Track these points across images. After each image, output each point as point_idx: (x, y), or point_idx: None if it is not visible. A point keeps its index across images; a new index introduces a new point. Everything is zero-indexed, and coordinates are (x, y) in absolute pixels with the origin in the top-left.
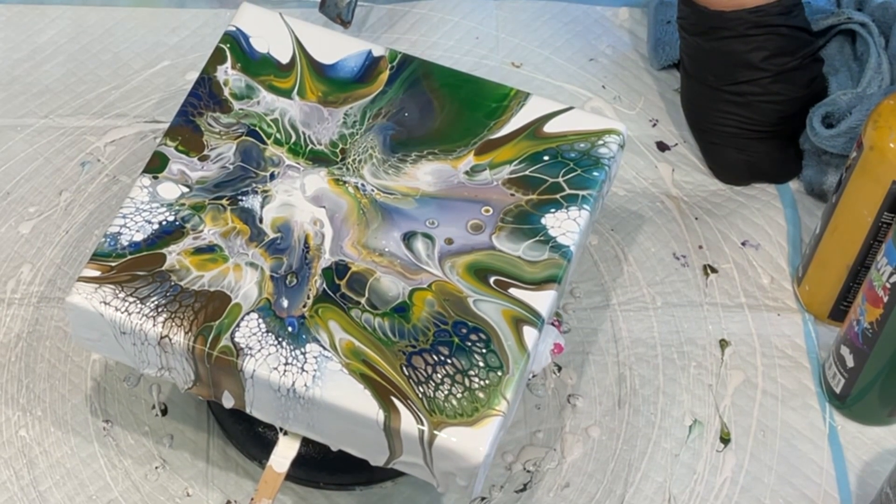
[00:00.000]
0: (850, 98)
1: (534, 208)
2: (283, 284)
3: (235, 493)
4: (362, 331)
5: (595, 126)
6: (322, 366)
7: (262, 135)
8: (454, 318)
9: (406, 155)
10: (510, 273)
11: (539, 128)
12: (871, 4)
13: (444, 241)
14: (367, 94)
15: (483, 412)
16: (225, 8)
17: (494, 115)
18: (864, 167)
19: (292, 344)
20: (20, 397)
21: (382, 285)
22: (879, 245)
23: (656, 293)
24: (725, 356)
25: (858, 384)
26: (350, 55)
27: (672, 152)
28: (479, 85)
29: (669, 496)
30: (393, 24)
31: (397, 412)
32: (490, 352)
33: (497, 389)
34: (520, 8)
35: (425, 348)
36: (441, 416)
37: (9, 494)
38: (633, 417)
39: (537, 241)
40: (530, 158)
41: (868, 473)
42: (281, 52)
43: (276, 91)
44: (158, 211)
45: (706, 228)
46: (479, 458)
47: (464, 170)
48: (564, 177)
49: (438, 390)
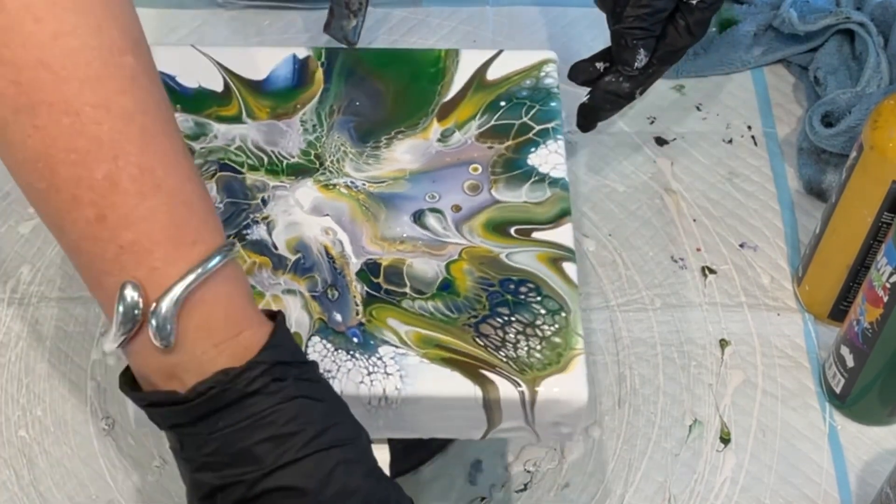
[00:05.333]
0: (849, 97)
1: (515, 153)
2: (328, 300)
3: None
4: (422, 318)
5: (529, 61)
6: (403, 364)
7: (235, 165)
8: (498, 278)
9: (377, 141)
10: (525, 219)
11: (483, 78)
12: (870, 4)
13: (452, 209)
14: (311, 97)
15: (568, 355)
16: (224, 9)
17: (437, 79)
18: (864, 167)
19: (365, 353)
20: (20, 397)
21: (417, 270)
22: (879, 245)
23: (655, 295)
24: (725, 356)
25: (858, 384)
26: (278, 64)
27: (671, 146)
28: (410, 55)
29: (669, 496)
30: (390, 28)
31: (492, 383)
32: (545, 297)
33: (569, 329)
34: (516, 12)
35: (486, 314)
36: (532, 372)
37: (9, 494)
38: (633, 417)
39: (534, 183)
40: (489, 108)
41: (868, 473)
42: (212, 82)
43: (225, 120)
44: None
45: (704, 231)
46: (583, 399)
47: (435, 138)
48: (527, 115)
49: (518, 349)
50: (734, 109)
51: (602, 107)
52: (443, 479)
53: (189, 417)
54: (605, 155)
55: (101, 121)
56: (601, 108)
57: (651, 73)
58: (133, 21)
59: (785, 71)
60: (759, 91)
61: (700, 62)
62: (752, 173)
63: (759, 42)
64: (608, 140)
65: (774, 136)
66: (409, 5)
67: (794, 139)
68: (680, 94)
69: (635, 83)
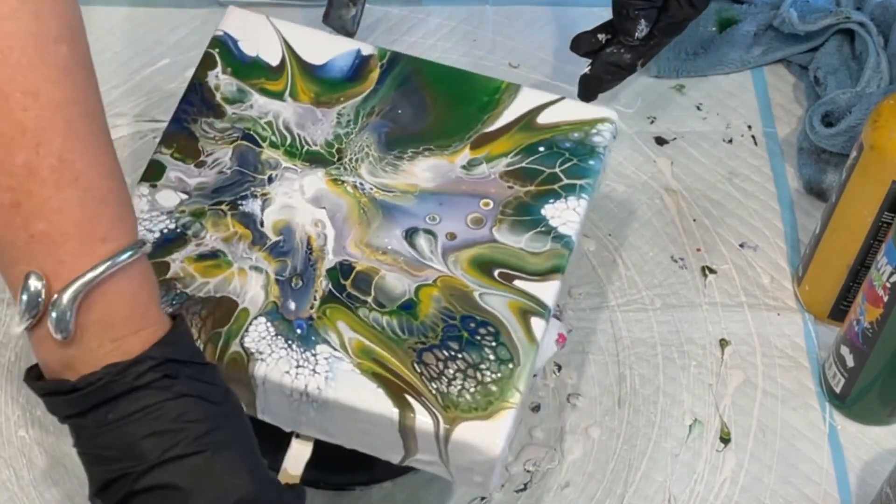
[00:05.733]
0: (849, 97)
1: (533, 199)
2: (290, 287)
3: None
4: (371, 330)
5: (587, 115)
6: (334, 367)
7: (258, 138)
8: (462, 313)
9: (402, 152)
10: (514, 265)
11: (532, 119)
12: (871, 4)
13: (446, 236)
14: (359, 93)
15: (497, 405)
16: (224, 7)
17: (487, 109)
18: (864, 167)
19: (302, 346)
20: (20, 397)
21: (388, 283)
22: (879, 245)
23: (655, 295)
24: (725, 356)
25: (858, 384)
26: (340, 55)
27: (671, 146)
28: (471, 79)
29: (669, 496)
30: (391, 26)
31: (411, 409)
32: (500, 345)
33: (510, 382)
34: (517, 12)
35: (435, 344)
36: (455, 411)
37: (9, 494)
38: (633, 417)
39: (538, 233)
40: (526, 150)
41: (868, 473)
42: (270, 55)
43: (268, 94)
44: (159, 219)
45: (704, 231)
46: (497, 451)
47: (461, 164)
48: (561, 167)
49: (451, 385)
50: (734, 109)
51: (604, 77)
52: (443, 479)
53: (79, 408)
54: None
55: (28, 107)
56: (603, 79)
57: (653, 44)
58: (72, 9)
59: (785, 71)
60: (759, 91)
61: (700, 62)
62: (752, 173)
63: (759, 42)
64: None
65: (774, 135)
66: (410, 4)
67: (794, 139)
68: (680, 94)
69: (637, 54)
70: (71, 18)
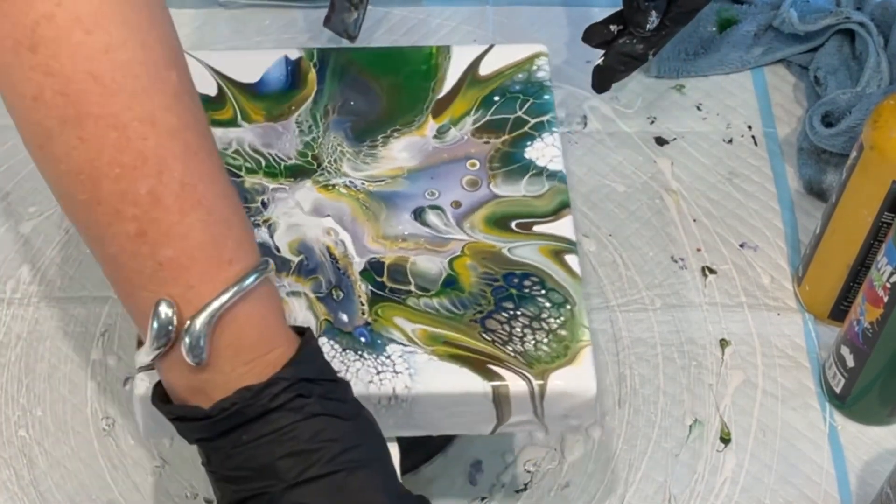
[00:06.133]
0: (849, 97)
1: (511, 147)
2: (333, 301)
3: None
4: (428, 315)
5: (521, 55)
6: (411, 362)
7: (233, 169)
8: (501, 272)
9: (374, 140)
10: (525, 213)
11: (475, 73)
12: (871, 4)
13: (452, 205)
14: (306, 98)
15: (575, 347)
16: (224, 8)
17: (430, 76)
18: (864, 167)
19: (373, 353)
20: (20, 397)
21: (421, 267)
22: (879, 245)
23: (655, 295)
24: (725, 356)
25: (859, 384)
26: (271, 67)
27: (671, 146)
28: (402, 54)
29: (669, 496)
30: (391, 26)
31: (500, 378)
32: (550, 290)
33: (575, 321)
34: (516, 12)
35: (491, 310)
36: (540, 365)
37: (9, 494)
38: (633, 417)
39: (532, 176)
40: (483, 103)
41: (868, 473)
42: (206, 87)
43: (221, 124)
44: None
45: (704, 231)
46: (592, 391)
47: (431, 135)
48: (521, 109)
49: (525, 343)
50: (734, 109)
51: (616, 68)
52: (443, 479)
53: (213, 432)
54: (605, 155)
55: (147, 136)
56: (616, 70)
57: (664, 33)
58: (175, 38)
59: (785, 71)
60: (759, 91)
61: (700, 62)
62: (753, 173)
63: (760, 42)
64: (608, 140)
65: (774, 136)
66: (410, 4)
67: (795, 139)
68: (680, 94)
69: (649, 44)
70: (175, 44)
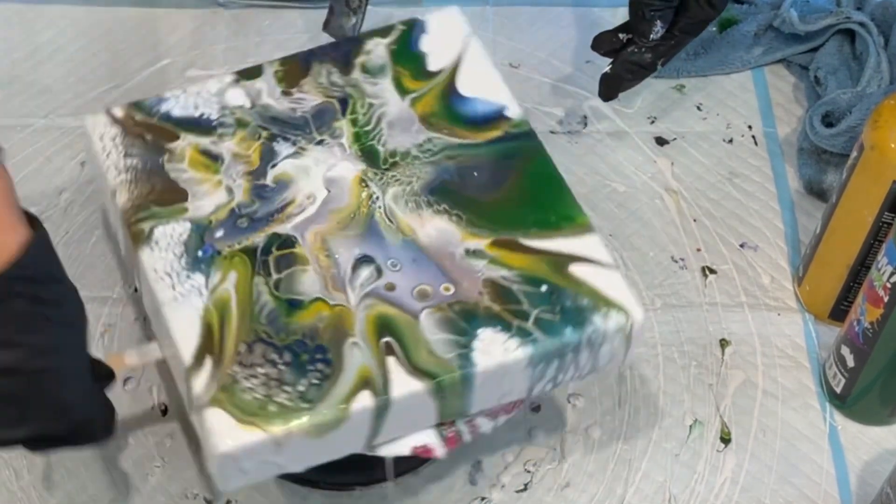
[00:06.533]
0: (849, 97)
1: (483, 315)
2: (234, 220)
3: (235, 493)
4: (243, 295)
5: (613, 295)
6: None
7: (348, 108)
8: (316, 344)
9: (438, 203)
10: (406, 346)
11: (566, 264)
12: (871, 4)
13: (386, 285)
14: (463, 137)
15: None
16: (224, 8)
17: (543, 225)
18: (865, 167)
19: (189, 265)
20: None
21: (299, 277)
22: (880, 245)
23: (655, 295)
24: (726, 356)
25: (859, 384)
26: (485, 98)
27: (671, 146)
28: (560, 192)
29: (669, 496)
30: None
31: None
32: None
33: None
34: (516, 12)
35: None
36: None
37: (9, 494)
38: (633, 417)
39: (453, 342)
40: (530, 279)
41: (868, 473)
42: (437, 60)
43: (399, 86)
44: (212, 104)
45: (704, 231)
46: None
47: (467, 247)
48: (538, 312)
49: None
50: (734, 109)
51: (624, 76)
52: (443, 479)
53: None
54: (605, 155)
55: None
56: (623, 78)
57: (674, 43)
58: None
59: (785, 71)
60: (760, 91)
61: (700, 62)
62: (753, 173)
63: (760, 42)
64: (608, 140)
65: (775, 136)
66: (410, 4)
67: (795, 139)
68: (680, 94)
69: (657, 54)
70: None
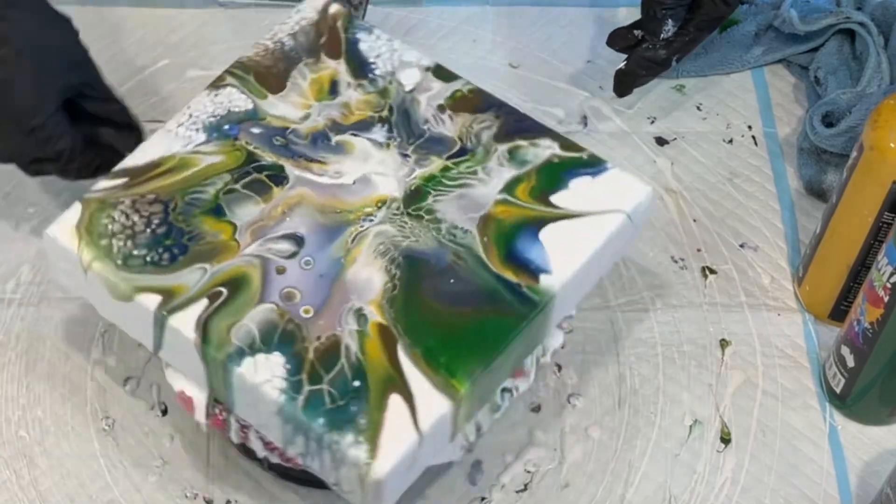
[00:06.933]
0: (849, 97)
1: (294, 346)
2: (276, 134)
3: (235, 493)
4: (203, 172)
5: (379, 440)
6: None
7: (463, 154)
8: (186, 242)
9: (397, 268)
10: (225, 306)
11: (392, 387)
12: (871, 4)
13: (279, 267)
14: (488, 257)
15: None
16: (225, 8)
17: (429, 356)
18: (865, 167)
19: (210, 130)
20: (20, 397)
21: (246, 202)
22: (880, 245)
23: (655, 295)
24: (726, 356)
25: (859, 384)
26: (547, 257)
27: (671, 146)
28: (476, 357)
29: (669, 496)
30: (391, 27)
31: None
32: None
33: None
34: (516, 12)
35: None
36: None
37: (9, 494)
38: (633, 417)
39: (254, 336)
40: (357, 370)
41: (868, 473)
42: (570, 201)
43: (510, 184)
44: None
45: (704, 231)
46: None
47: (361, 308)
48: (325, 387)
49: None
50: (734, 109)
51: (638, 73)
52: (443, 479)
53: None
54: (605, 155)
55: None
56: (638, 75)
57: (688, 40)
58: None
59: (785, 71)
60: (760, 91)
61: (700, 62)
62: (753, 173)
63: (760, 42)
64: (608, 140)
65: (775, 136)
66: (410, 5)
67: (795, 139)
68: (680, 94)
69: (672, 50)
70: None
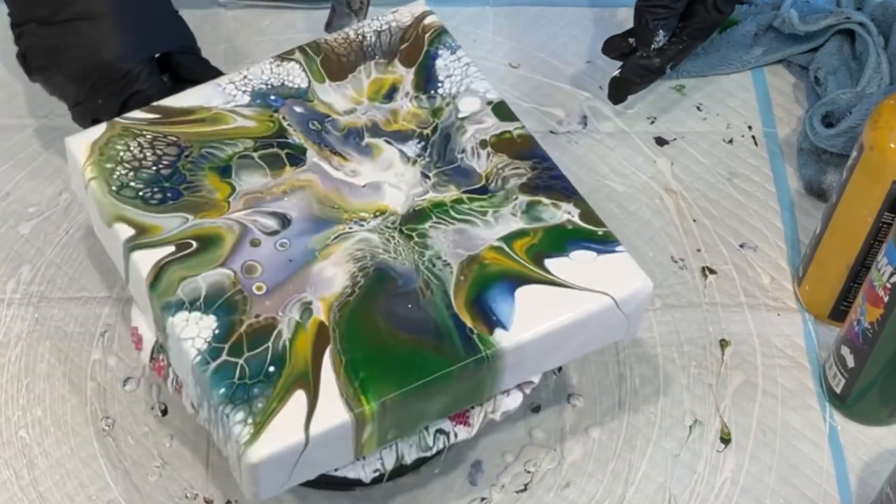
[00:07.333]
0: (849, 97)
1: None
2: (314, 119)
3: (235, 493)
4: (233, 132)
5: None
6: None
7: (491, 190)
8: (182, 189)
9: (364, 277)
10: (180, 265)
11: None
12: (871, 4)
13: (254, 240)
14: (457, 295)
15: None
16: (225, 8)
17: (349, 369)
18: (865, 167)
19: (254, 94)
20: (20, 397)
21: (255, 171)
22: (880, 245)
23: (655, 295)
24: (725, 356)
25: (859, 384)
26: (513, 317)
27: (671, 146)
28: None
29: (669, 496)
30: None
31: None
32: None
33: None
34: (517, 13)
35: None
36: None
37: (9, 494)
38: (633, 417)
39: (183, 298)
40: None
41: (868, 473)
42: (574, 276)
43: (516, 237)
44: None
45: (704, 231)
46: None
47: (311, 302)
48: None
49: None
50: (734, 109)
51: (633, 80)
52: (443, 479)
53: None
54: (605, 155)
55: None
56: (632, 82)
57: (682, 48)
58: None
59: (785, 71)
60: (760, 91)
61: (700, 62)
62: (753, 173)
63: (760, 42)
64: (608, 140)
65: (775, 136)
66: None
67: (795, 139)
68: (680, 94)
69: (665, 58)
70: None
